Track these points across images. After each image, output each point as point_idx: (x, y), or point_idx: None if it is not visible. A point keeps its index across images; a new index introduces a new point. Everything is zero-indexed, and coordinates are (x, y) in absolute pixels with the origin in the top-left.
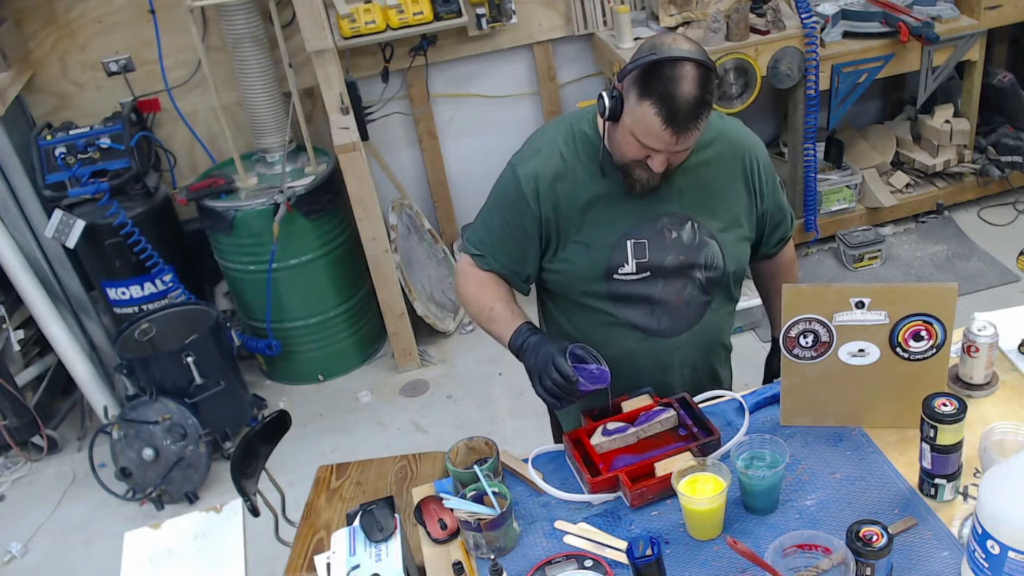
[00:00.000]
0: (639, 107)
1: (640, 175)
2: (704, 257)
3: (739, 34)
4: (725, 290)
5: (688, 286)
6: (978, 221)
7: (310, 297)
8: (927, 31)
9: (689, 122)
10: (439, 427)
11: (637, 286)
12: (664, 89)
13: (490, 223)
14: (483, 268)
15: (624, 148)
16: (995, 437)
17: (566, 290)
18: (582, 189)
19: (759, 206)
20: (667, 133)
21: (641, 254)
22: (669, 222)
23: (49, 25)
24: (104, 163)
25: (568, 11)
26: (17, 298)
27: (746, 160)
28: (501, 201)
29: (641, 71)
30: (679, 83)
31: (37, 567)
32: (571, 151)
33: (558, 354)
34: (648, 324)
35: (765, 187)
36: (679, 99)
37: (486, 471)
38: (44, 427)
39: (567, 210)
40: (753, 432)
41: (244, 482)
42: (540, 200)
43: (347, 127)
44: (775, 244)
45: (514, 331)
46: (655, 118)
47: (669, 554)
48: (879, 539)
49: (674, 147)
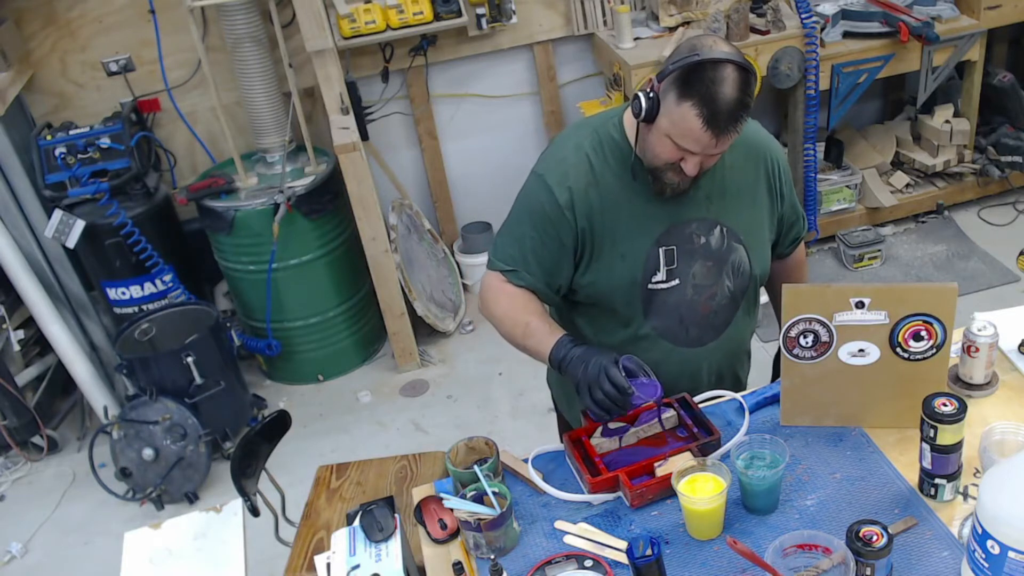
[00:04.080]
0: (678, 108)
1: (671, 179)
2: (732, 262)
3: (739, 34)
4: (751, 296)
5: (717, 294)
6: (978, 221)
7: (310, 297)
8: (927, 31)
9: (729, 124)
10: (439, 427)
11: (667, 295)
12: (706, 91)
13: (521, 237)
14: (516, 284)
15: (658, 150)
16: (995, 437)
17: (599, 300)
18: (614, 196)
19: (779, 208)
20: (707, 135)
21: (671, 261)
22: (698, 227)
23: (49, 25)
24: (104, 163)
25: (568, 11)
26: (17, 298)
27: (768, 162)
28: (531, 214)
29: (682, 72)
30: (721, 85)
31: (37, 567)
32: (599, 157)
33: (611, 365)
34: (677, 334)
35: (784, 188)
36: (721, 101)
37: (486, 471)
38: (44, 427)
39: (601, 218)
40: (753, 432)
41: (244, 482)
42: (576, 210)
43: (347, 127)
44: (789, 244)
45: (555, 343)
46: (696, 119)
47: (669, 554)
48: (879, 539)
49: (712, 149)
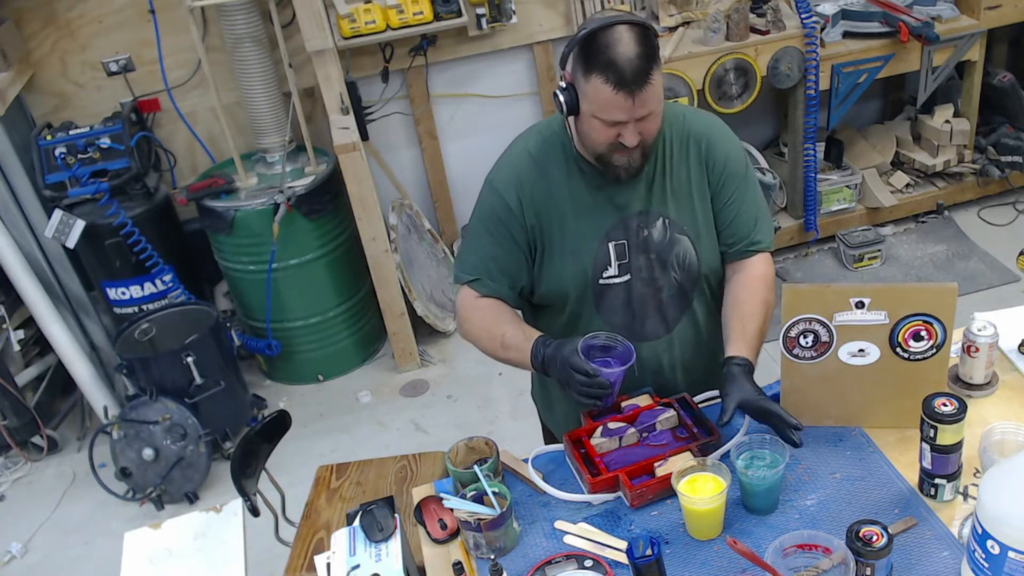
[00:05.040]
0: (589, 85)
1: (620, 160)
2: (676, 255)
3: (739, 34)
4: (705, 290)
5: (664, 287)
6: (978, 221)
7: (310, 297)
8: (927, 31)
9: (640, 79)
10: (439, 427)
11: (619, 290)
12: (604, 57)
13: (478, 244)
14: (482, 293)
15: (593, 135)
16: (995, 437)
17: (553, 300)
18: (560, 194)
19: (717, 196)
20: (622, 98)
21: (622, 255)
22: (641, 220)
23: (49, 25)
24: (104, 163)
25: (568, 11)
26: (17, 298)
27: (702, 148)
28: (485, 220)
29: (579, 50)
30: (616, 46)
31: (37, 567)
32: (545, 157)
33: (572, 355)
34: (631, 328)
35: (716, 175)
36: (621, 60)
37: (486, 471)
38: (44, 427)
39: (548, 216)
40: (753, 432)
41: (244, 482)
42: (524, 208)
43: (347, 127)
44: (737, 252)
45: (531, 352)
46: (606, 87)
47: (669, 554)
48: (879, 539)
49: (638, 111)
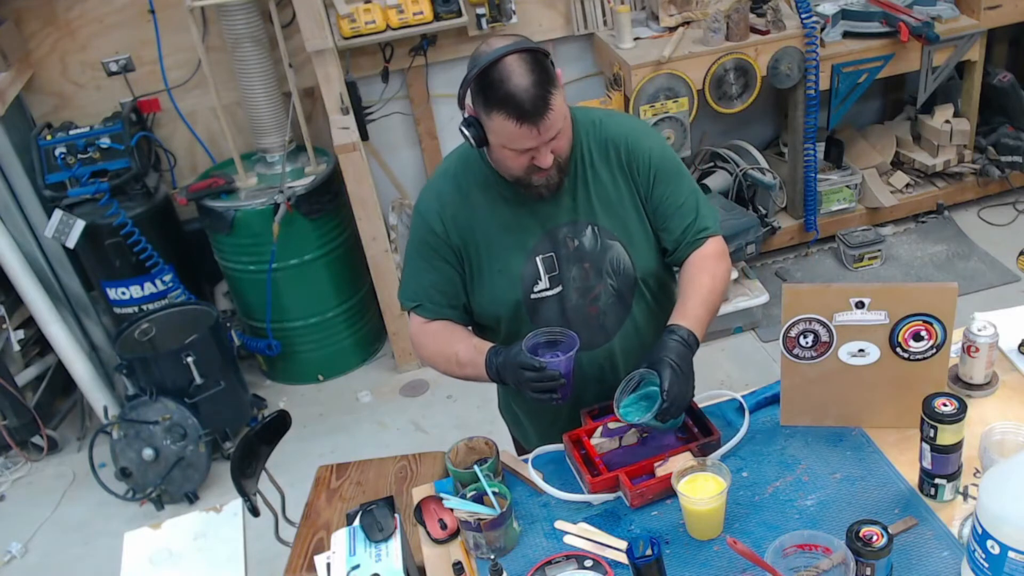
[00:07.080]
0: (491, 121)
1: (538, 180)
2: (610, 261)
3: (739, 34)
4: (644, 294)
5: (600, 294)
6: (978, 221)
7: (310, 297)
8: (927, 31)
9: (540, 109)
10: (439, 427)
11: (552, 302)
12: (501, 92)
13: (414, 271)
14: (428, 318)
15: (507, 163)
16: (995, 437)
17: (488, 319)
18: (484, 213)
19: (640, 198)
20: (527, 129)
21: (552, 268)
22: (569, 231)
23: (49, 25)
24: (104, 163)
25: (568, 11)
26: (17, 298)
27: (621, 151)
28: (417, 247)
29: (475, 87)
30: (511, 79)
31: (37, 567)
32: (467, 180)
33: (518, 355)
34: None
35: (643, 176)
36: (519, 93)
37: (486, 471)
38: (44, 427)
39: (474, 237)
40: (753, 432)
41: (244, 482)
42: (448, 231)
43: (347, 127)
44: (688, 243)
45: (484, 364)
46: (508, 122)
47: (669, 554)
48: (879, 539)
49: (543, 137)
